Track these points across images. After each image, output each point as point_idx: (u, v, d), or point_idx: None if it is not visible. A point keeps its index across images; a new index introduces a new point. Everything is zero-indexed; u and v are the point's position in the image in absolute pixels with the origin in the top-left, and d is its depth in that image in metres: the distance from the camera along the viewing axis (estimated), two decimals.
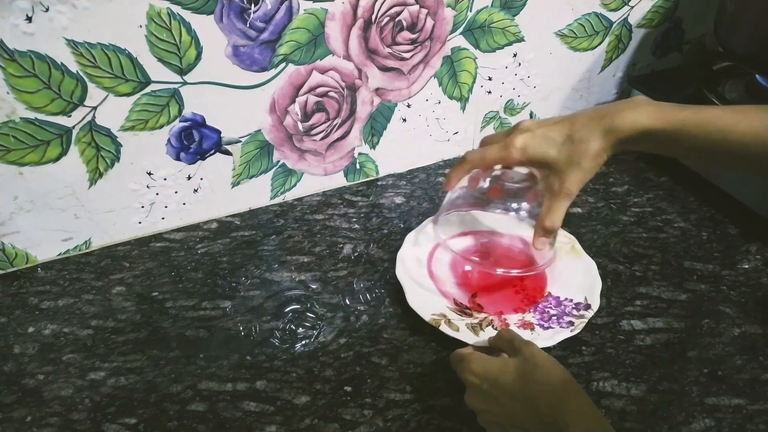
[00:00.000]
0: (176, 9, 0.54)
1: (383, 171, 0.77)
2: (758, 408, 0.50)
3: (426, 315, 0.55)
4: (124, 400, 0.51)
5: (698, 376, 0.52)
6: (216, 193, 0.68)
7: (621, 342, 0.55)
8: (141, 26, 0.53)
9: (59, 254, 0.65)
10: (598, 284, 0.59)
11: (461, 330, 0.54)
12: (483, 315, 0.57)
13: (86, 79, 0.54)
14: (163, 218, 0.68)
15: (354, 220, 0.70)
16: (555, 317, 0.56)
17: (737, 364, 0.53)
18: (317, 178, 0.74)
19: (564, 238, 0.64)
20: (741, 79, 0.77)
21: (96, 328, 0.57)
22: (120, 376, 0.53)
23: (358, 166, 0.75)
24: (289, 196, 0.73)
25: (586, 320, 0.55)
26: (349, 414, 0.49)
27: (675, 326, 0.57)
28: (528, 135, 0.49)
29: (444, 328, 0.54)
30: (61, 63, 0.53)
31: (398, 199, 0.74)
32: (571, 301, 0.58)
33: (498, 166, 0.53)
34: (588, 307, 0.57)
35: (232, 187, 0.69)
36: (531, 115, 0.82)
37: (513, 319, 0.57)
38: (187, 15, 0.55)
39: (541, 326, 0.55)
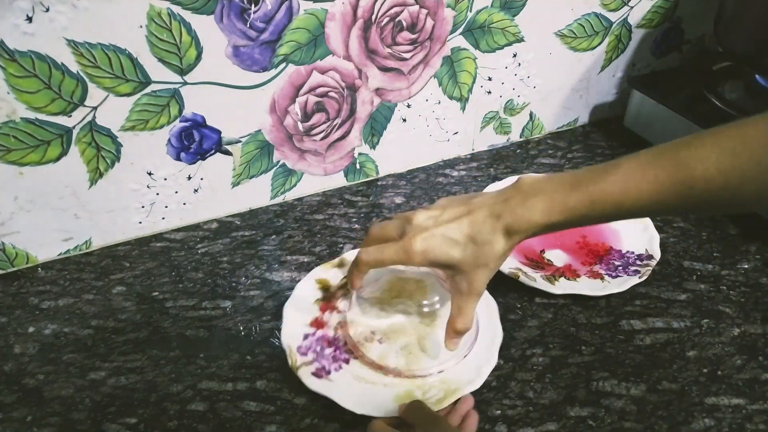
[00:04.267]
0: (176, 9, 0.54)
1: (383, 171, 0.77)
2: (758, 408, 0.50)
3: (504, 269, 0.59)
4: (125, 400, 0.51)
5: (698, 375, 0.52)
6: (216, 193, 0.69)
7: (621, 342, 0.55)
8: (141, 26, 0.53)
9: (59, 254, 0.65)
10: (657, 237, 0.64)
11: (538, 281, 0.59)
12: (554, 267, 0.62)
13: (86, 79, 0.54)
14: (163, 218, 0.68)
15: (354, 220, 0.70)
16: (621, 267, 0.61)
17: (737, 364, 0.53)
18: (317, 178, 0.74)
19: None
20: (741, 79, 0.77)
21: (96, 328, 0.57)
22: (120, 375, 0.53)
23: (358, 166, 0.75)
24: (289, 196, 0.74)
25: (650, 268, 0.60)
26: (349, 414, 0.49)
27: (675, 326, 0.57)
28: (427, 236, 0.45)
29: (523, 279, 0.59)
30: (62, 63, 0.53)
31: (398, 199, 0.74)
32: (633, 253, 0.63)
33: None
34: (651, 257, 0.62)
35: (233, 187, 0.69)
36: (531, 115, 0.82)
37: (582, 271, 0.61)
38: (188, 15, 0.55)
39: (610, 275, 0.60)
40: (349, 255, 0.60)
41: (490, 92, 0.76)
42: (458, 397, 0.49)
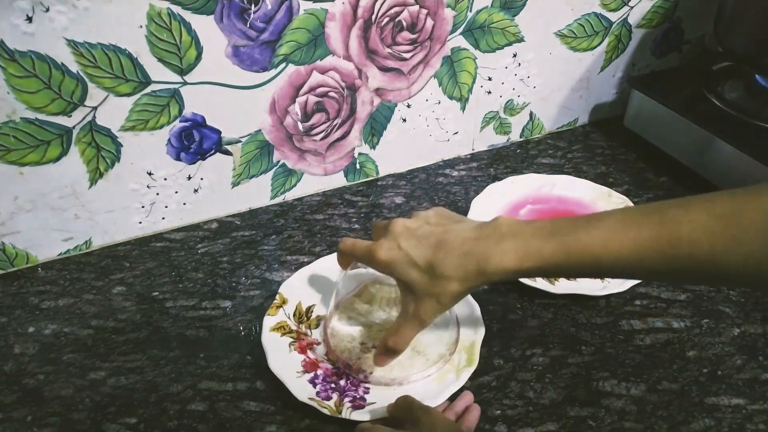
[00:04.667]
0: (176, 9, 0.54)
1: (383, 171, 0.77)
2: (758, 408, 0.50)
3: None
4: (125, 400, 0.51)
5: (698, 375, 0.52)
6: (216, 193, 0.69)
7: (621, 342, 0.55)
8: (141, 26, 0.53)
9: (59, 254, 0.65)
10: None
11: (538, 281, 0.59)
12: None
13: (86, 79, 0.54)
14: (163, 218, 0.68)
15: (354, 220, 0.70)
16: None
17: (737, 364, 0.53)
18: (317, 178, 0.74)
19: (617, 198, 0.69)
20: (741, 79, 0.77)
21: (96, 328, 0.57)
22: (120, 375, 0.53)
23: (358, 166, 0.75)
24: (289, 196, 0.74)
25: None
26: None
27: (675, 326, 0.57)
28: (393, 247, 0.44)
29: (523, 279, 0.58)
30: (62, 63, 0.53)
31: (398, 199, 0.74)
32: None
33: None
34: None
35: (233, 187, 0.69)
36: (531, 115, 0.82)
37: None
38: (188, 15, 0.55)
39: None
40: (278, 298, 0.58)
41: (490, 92, 0.76)
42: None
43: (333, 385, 0.51)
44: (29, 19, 0.50)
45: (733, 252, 0.35)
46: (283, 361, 0.52)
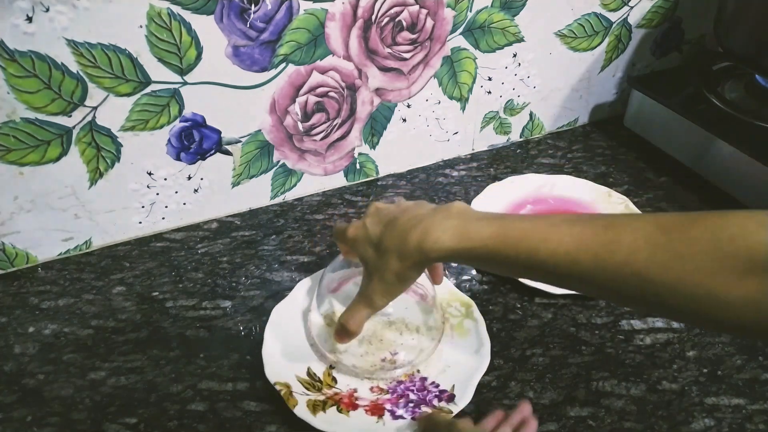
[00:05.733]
0: (176, 9, 0.54)
1: (383, 171, 0.77)
2: (758, 408, 0.50)
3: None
4: (125, 400, 0.51)
5: (698, 375, 0.52)
6: (216, 193, 0.69)
7: (621, 342, 0.55)
8: (141, 26, 0.53)
9: (59, 254, 0.65)
10: None
11: None
12: None
13: (86, 79, 0.54)
14: (163, 218, 0.68)
15: (354, 220, 0.70)
16: None
17: (737, 364, 0.53)
18: (317, 178, 0.74)
19: (617, 198, 0.69)
20: (741, 79, 0.77)
21: (96, 328, 0.57)
22: (120, 375, 0.53)
23: (358, 166, 0.75)
24: (289, 196, 0.74)
25: None
26: None
27: (675, 326, 0.57)
28: (360, 225, 0.45)
29: (523, 279, 0.58)
30: (62, 63, 0.53)
31: (398, 199, 0.74)
32: None
33: None
34: None
35: (233, 187, 0.69)
36: (531, 115, 0.82)
37: None
38: (188, 15, 0.55)
39: None
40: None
41: (490, 92, 0.76)
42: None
43: (407, 405, 0.50)
44: (29, 19, 0.50)
45: (672, 267, 0.33)
46: (354, 428, 0.48)
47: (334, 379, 0.51)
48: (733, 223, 0.32)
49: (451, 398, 0.50)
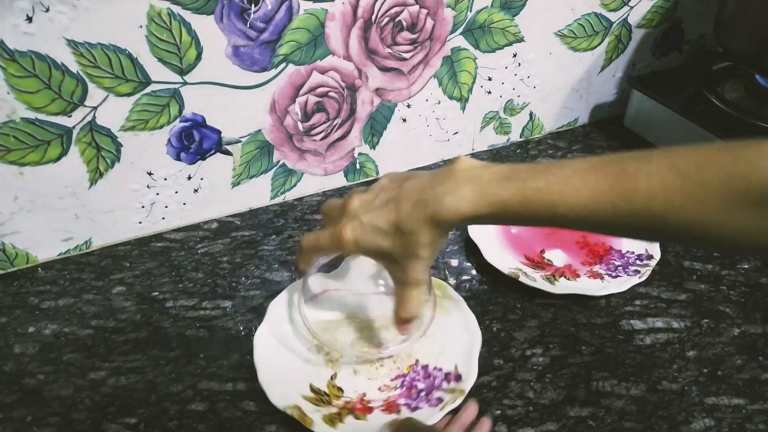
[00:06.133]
0: (176, 9, 0.54)
1: (383, 171, 0.77)
2: (758, 408, 0.50)
3: (504, 269, 0.60)
4: (125, 400, 0.51)
5: (698, 375, 0.52)
6: (216, 193, 0.68)
7: (621, 342, 0.56)
8: (141, 26, 0.53)
9: (59, 254, 0.65)
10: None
11: (538, 281, 0.59)
12: (554, 267, 0.62)
13: (86, 79, 0.54)
14: (163, 218, 0.68)
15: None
16: (621, 267, 0.62)
17: (737, 364, 0.53)
18: (317, 178, 0.74)
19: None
20: (741, 79, 0.77)
21: (96, 328, 0.57)
22: (120, 375, 0.53)
23: (358, 166, 0.75)
24: (289, 196, 0.74)
25: (650, 268, 0.61)
26: None
27: (675, 326, 0.57)
28: (356, 225, 0.44)
29: (523, 279, 0.59)
30: (62, 63, 0.53)
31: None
32: (633, 253, 0.63)
33: None
34: (651, 257, 0.62)
35: (233, 187, 0.69)
36: (531, 115, 0.82)
37: (582, 271, 0.62)
38: (188, 15, 0.55)
39: (610, 275, 0.61)
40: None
41: (490, 92, 0.76)
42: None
43: (411, 397, 0.50)
44: (29, 19, 0.50)
45: (689, 209, 0.34)
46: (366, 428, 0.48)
47: (340, 389, 0.51)
48: (744, 161, 0.33)
49: (458, 378, 0.51)
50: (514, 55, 0.74)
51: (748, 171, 0.33)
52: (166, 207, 0.67)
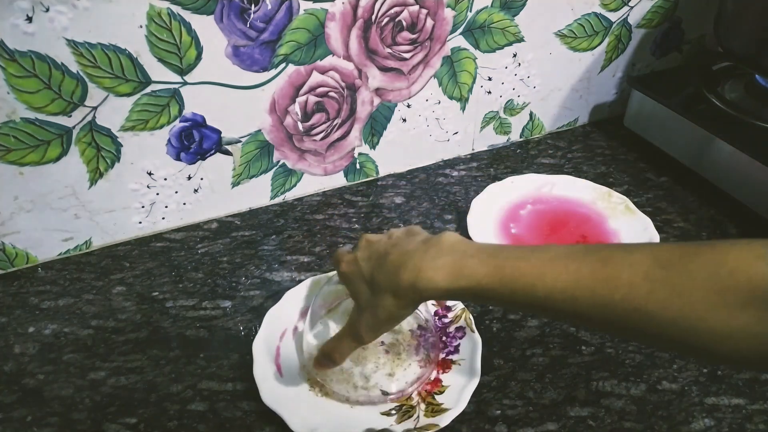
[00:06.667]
0: (176, 9, 0.54)
1: (383, 171, 0.77)
2: (758, 408, 0.50)
3: None
4: (125, 400, 0.51)
5: (698, 375, 0.52)
6: (216, 193, 0.69)
7: (620, 342, 0.55)
8: (141, 26, 0.54)
9: (59, 254, 0.65)
10: (657, 237, 0.64)
11: None
12: None
13: (86, 79, 0.54)
14: (163, 218, 0.68)
15: (354, 220, 0.70)
16: None
17: None
18: (317, 178, 0.74)
19: (617, 198, 0.69)
20: (741, 79, 0.77)
21: (96, 328, 0.57)
22: (120, 375, 0.53)
23: (358, 166, 0.75)
24: (289, 196, 0.74)
25: None
26: None
27: None
28: (352, 261, 0.44)
29: None
30: (62, 63, 0.53)
31: (398, 199, 0.74)
32: None
33: None
34: None
35: (232, 187, 0.69)
36: (531, 115, 0.82)
37: None
38: (188, 15, 0.55)
39: None
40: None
41: (490, 92, 0.76)
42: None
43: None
44: (29, 19, 0.50)
45: (671, 302, 0.32)
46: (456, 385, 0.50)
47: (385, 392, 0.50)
48: (732, 257, 0.32)
49: (460, 330, 0.54)
50: (514, 55, 0.74)
51: (736, 266, 0.31)
52: (166, 207, 0.67)
